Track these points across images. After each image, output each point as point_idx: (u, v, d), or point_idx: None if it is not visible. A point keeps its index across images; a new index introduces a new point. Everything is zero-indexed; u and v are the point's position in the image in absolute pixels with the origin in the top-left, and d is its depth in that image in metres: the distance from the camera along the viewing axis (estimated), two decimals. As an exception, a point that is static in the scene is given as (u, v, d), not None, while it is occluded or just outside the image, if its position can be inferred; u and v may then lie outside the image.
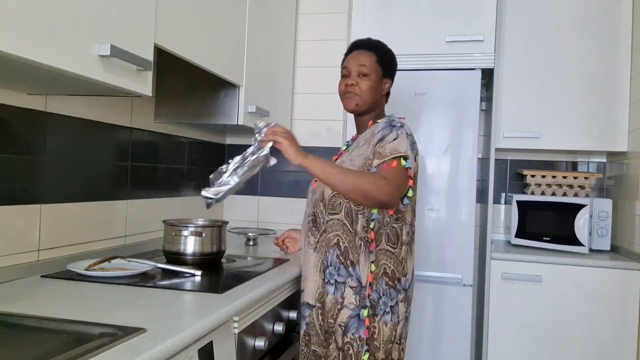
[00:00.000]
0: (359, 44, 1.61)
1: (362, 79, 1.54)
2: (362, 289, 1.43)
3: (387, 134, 1.44)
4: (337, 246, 1.46)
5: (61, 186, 1.49)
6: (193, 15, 1.51)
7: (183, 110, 1.96)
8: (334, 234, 1.46)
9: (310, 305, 1.51)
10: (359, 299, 1.42)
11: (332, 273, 1.46)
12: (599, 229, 2.34)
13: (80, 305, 1.11)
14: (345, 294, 1.43)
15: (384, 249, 1.44)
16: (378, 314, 1.42)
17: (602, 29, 2.38)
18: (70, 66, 0.99)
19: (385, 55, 1.58)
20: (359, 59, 1.55)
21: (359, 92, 1.54)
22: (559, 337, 2.21)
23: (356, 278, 1.43)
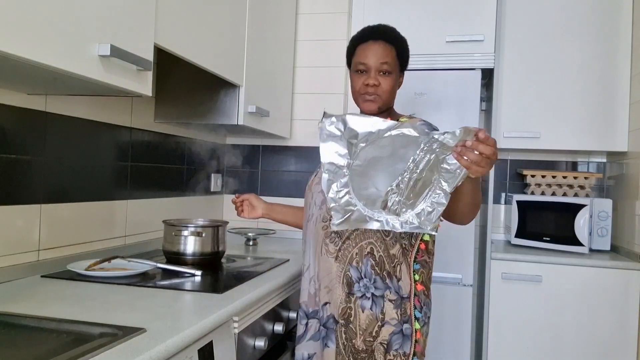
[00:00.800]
0: (376, 33, 1.40)
1: (385, 78, 1.37)
2: (402, 301, 1.30)
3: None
4: (371, 255, 1.31)
5: (61, 186, 1.49)
6: (193, 15, 1.51)
7: (183, 110, 1.96)
8: (367, 242, 1.31)
9: (335, 321, 1.34)
10: (400, 313, 1.30)
11: (368, 286, 1.30)
12: (599, 229, 2.34)
13: (80, 305, 1.11)
14: (385, 309, 1.29)
15: (424, 260, 1.37)
16: (421, 326, 1.33)
17: (602, 29, 2.38)
18: (70, 66, 0.99)
19: (404, 48, 1.43)
20: (379, 54, 1.37)
21: (381, 92, 1.37)
22: (559, 337, 2.21)
23: (395, 290, 1.30)
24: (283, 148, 2.56)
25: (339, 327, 1.33)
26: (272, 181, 2.56)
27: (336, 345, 1.33)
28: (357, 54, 1.40)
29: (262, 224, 2.54)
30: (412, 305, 1.32)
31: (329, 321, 1.35)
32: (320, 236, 1.38)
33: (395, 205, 1.06)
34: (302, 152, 2.53)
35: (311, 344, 1.39)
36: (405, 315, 1.30)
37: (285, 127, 2.44)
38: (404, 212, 1.06)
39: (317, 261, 1.37)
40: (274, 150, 2.58)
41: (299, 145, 2.54)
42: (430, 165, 1.02)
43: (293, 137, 2.55)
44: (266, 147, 2.59)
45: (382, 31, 1.41)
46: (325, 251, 1.36)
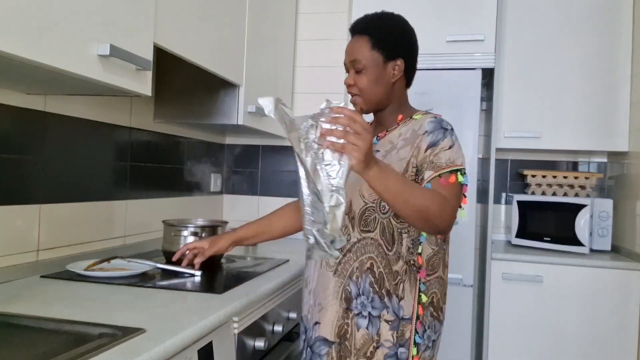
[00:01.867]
0: (352, 28, 1.31)
1: (359, 76, 1.27)
2: (400, 322, 1.20)
3: (440, 139, 1.19)
4: (370, 271, 1.20)
5: (60, 186, 1.49)
6: (193, 15, 1.51)
7: (182, 110, 1.96)
8: (367, 257, 1.21)
9: (328, 342, 1.23)
10: (396, 336, 1.19)
11: (365, 304, 1.20)
12: (600, 229, 2.34)
13: (79, 305, 1.10)
14: (381, 330, 1.19)
15: (440, 277, 1.24)
16: (420, 350, 1.21)
17: (603, 29, 2.38)
18: (69, 66, 0.99)
19: (385, 35, 1.27)
20: (351, 51, 1.27)
21: (357, 92, 1.28)
22: (560, 338, 2.21)
23: (393, 311, 1.19)
24: (283, 148, 2.56)
25: (335, 347, 1.23)
26: (271, 181, 2.55)
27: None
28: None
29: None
30: (413, 329, 1.20)
31: (315, 343, 1.26)
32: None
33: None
34: (302, 152, 2.53)
35: None
36: (402, 338, 1.20)
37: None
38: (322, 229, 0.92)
39: (317, 274, 1.28)
40: (274, 150, 2.58)
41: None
42: (313, 162, 0.92)
43: (293, 137, 2.54)
44: (266, 147, 2.59)
45: (355, 24, 1.30)
46: (325, 264, 1.26)
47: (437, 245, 1.24)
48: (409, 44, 1.31)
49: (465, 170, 1.21)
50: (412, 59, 1.32)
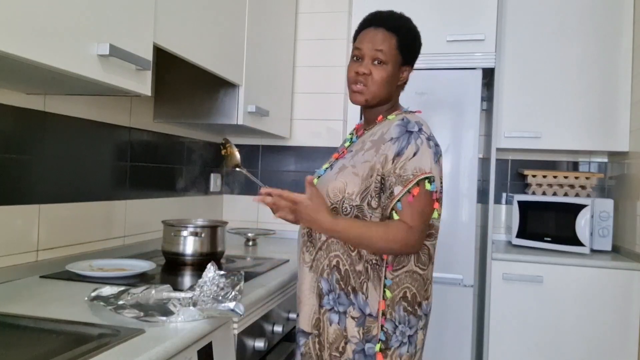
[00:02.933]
0: (378, 19, 1.30)
1: (377, 68, 1.26)
2: (365, 319, 1.21)
3: (404, 147, 1.20)
4: (336, 269, 1.24)
5: (60, 186, 1.49)
6: (193, 15, 1.50)
7: (182, 110, 1.96)
8: (334, 255, 1.24)
9: (305, 333, 1.29)
10: (362, 332, 1.21)
11: (335, 300, 1.24)
12: (600, 229, 2.34)
13: (79, 305, 1.10)
14: (347, 326, 1.22)
15: (412, 271, 1.24)
16: (392, 346, 1.21)
17: (603, 29, 2.37)
18: (69, 66, 0.99)
19: (408, 39, 1.30)
20: (376, 41, 1.27)
21: (370, 83, 1.27)
22: (560, 338, 2.20)
23: (358, 307, 1.22)
24: (283, 148, 2.56)
25: (311, 338, 1.28)
26: (272, 181, 2.55)
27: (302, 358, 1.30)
28: (356, 40, 1.32)
29: (262, 224, 2.53)
30: (379, 325, 1.21)
31: (297, 335, 1.33)
32: (300, 244, 1.34)
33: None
34: (302, 152, 2.53)
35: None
36: (368, 334, 1.21)
37: (285, 127, 2.44)
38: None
39: (298, 271, 1.34)
40: (273, 150, 2.57)
41: (299, 145, 2.53)
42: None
43: (293, 137, 2.54)
44: (266, 147, 2.59)
45: (384, 17, 1.31)
46: (302, 260, 1.32)
47: None
48: (418, 54, 1.37)
49: (434, 177, 1.21)
50: (412, 69, 1.38)
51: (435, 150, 1.25)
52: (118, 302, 1.06)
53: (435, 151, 1.24)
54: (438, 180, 1.24)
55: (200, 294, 1.08)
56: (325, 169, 1.37)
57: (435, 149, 1.25)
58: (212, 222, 1.75)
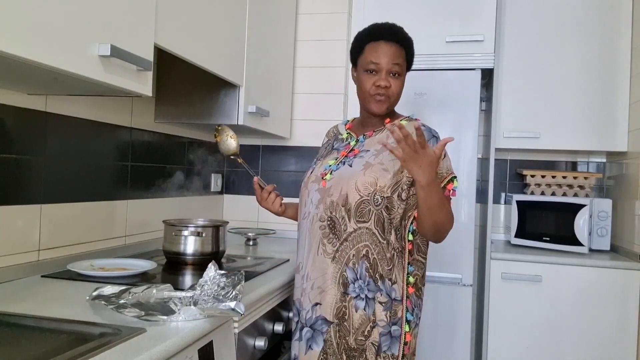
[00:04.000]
0: (389, 34, 1.40)
1: (394, 80, 1.39)
2: (392, 303, 1.33)
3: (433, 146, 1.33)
4: (366, 258, 1.32)
5: (61, 186, 1.49)
6: (193, 15, 1.51)
7: (183, 110, 1.96)
8: (363, 245, 1.32)
9: (327, 322, 1.34)
10: (389, 315, 1.32)
11: (362, 287, 1.32)
12: (599, 228, 2.34)
13: (80, 305, 1.11)
14: (375, 311, 1.32)
15: (417, 260, 1.39)
16: (411, 327, 1.36)
17: (602, 29, 2.38)
18: (70, 66, 1.00)
19: (411, 50, 1.45)
20: (392, 56, 1.38)
21: (390, 94, 1.39)
22: (559, 337, 2.21)
23: (386, 293, 1.32)
24: (283, 148, 2.56)
25: (333, 327, 1.34)
26: (272, 181, 2.55)
27: (322, 348, 1.34)
28: (368, 53, 1.39)
29: (262, 224, 2.54)
30: (404, 308, 1.34)
31: (317, 322, 1.36)
32: (317, 236, 1.37)
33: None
34: (302, 152, 2.53)
35: (296, 344, 1.42)
36: (395, 317, 1.33)
37: (285, 127, 2.44)
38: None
39: (312, 260, 1.38)
40: (274, 150, 2.58)
41: (299, 145, 2.54)
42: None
43: (293, 137, 2.55)
44: (266, 147, 2.59)
45: (394, 32, 1.41)
46: (322, 251, 1.36)
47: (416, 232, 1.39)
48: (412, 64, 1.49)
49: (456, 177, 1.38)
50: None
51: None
52: (119, 301, 1.07)
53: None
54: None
55: (201, 293, 1.09)
56: (336, 164, 1.42)
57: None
58: (212, 221, 1.76)
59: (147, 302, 1.08)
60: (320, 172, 1.44)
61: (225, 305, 1.04)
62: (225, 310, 1.04)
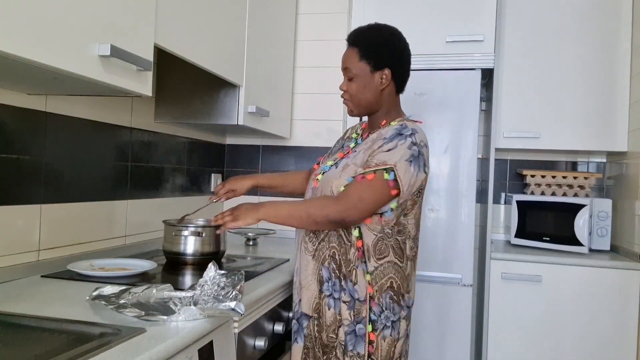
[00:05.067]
0: (348, 39, 1.45)
1: (350, 84, 1.42)
2: (355, 303, 1.35)
3: (388, 143, 1.34)
4: (332, 259, 1.37)
5: (61, 186, 1.49)
6: (193, 15, 1.51)
7: (183, 110, 1.96)
8: (331, 246, 1.38)
9: (307, 316, 1.42)
10: (353, 315, 1.35)
11: (331, 287, 1.38)
12: (599, 229, 2.34)
13: (80, 305, 1.11)
14: (341, 310, 1.36)
15: (392, 262, 1.36)
16: (378, 328, 1.35)
17: (602, 29, 2.38)
18: (70, 66, 1.00)
19: (372, 46, 1.40)
20: (344, 60, 1.43)
21: (350, 98, 1.43)
22: (559, 337, 2.21)
23: (349, 292, 1.35)
24: (283, 148, 2.56)
25: (312, 321, 1.41)
26: (272, 181, 2.55)
27: (304, 342, 1.42)
28: None
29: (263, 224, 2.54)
30: (367, 308, 1.34)
31: (301, 317, 1.44)
32: (301, 233, 1.45)
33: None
34: (302, 152, 2.53)
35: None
36: (358, 316, 1.35)
37: (285, 127, 2.44)
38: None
39: (300, 257, 1.45)
40: (274, 150, 2.58)
41: (299, 145, 2.54)
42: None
43: (293, 137, 2.55)
44: (266, 147, 2.59)
45: (350, 35, 1.44)
46: (304, 249, 1.44)
47: (381, 232, 1.35)
48: (396, 54, 1.42)
49: (396, 169, 1.29)
50: (400, 68, 1.43)
51: (416, 152, 1.33)
52: (119, 301, 1.07)
53: (416, 151, 1.33)
54: (406, 174, 1.30)
55: (201, 293, 1.09)
56: (330, 165, 1.46)
57: (416, 152, 1.33)
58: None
59: (147, 302, 1.08)
60: (316, 172, 1.49)
61: (225, 305, 1.04)
62: (225, 310, 1.04)
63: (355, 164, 1.37)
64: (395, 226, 1.36)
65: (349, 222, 1.32)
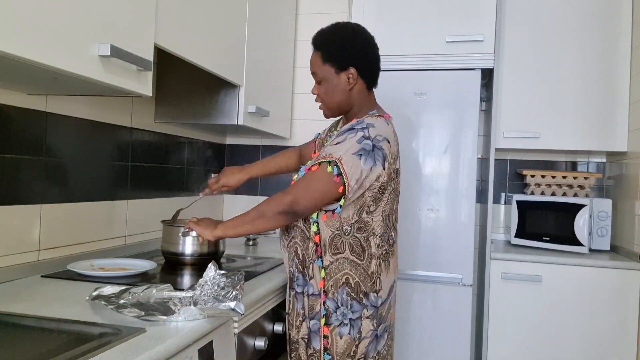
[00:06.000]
0: (312, 43, 1.45)
1: (319, 87, 1.44)
2: (309, 298, 1.36)
3: (339, 136, 1.34)
4: (296, 254, 1.40)
5: (61, 186, 1.50)
6: (193, 15, 1.51)
7: (183, 110, 1.96)
8: (295, 242, 1.41)
9: (285, 312, 1.48)
10: (307, 309, 1.37)
11: (295, 282, 1.41)
12: (599, 228, 2.34)
13: (80, 304, 1.11)
14: (304, 304, 1.37)
15: (348, 259, 1.34)
16: (332, 323, 1.34)
17: (602, 29, 2.38)
18: (70, 66, 1.00)
19: (333, 49, 1.39)
20: (310, 65, 1.44)
21: (322, 101, 1.45)
22: (559, 337, 2.21)
23: (307, 287, 1.38)
24: (283, 148, 2.56)
25: (286, 316, 1.46)
26: (272, 181, 2.56)
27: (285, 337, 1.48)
28: None
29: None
30: (321, 302, 1.35)
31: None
32: (280, 231, 1.49)
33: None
34: (302, 152, 2.53)
35: None
36: (312, 311, 1.36)
37: (285, 127, 2.44)
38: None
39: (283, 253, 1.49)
40: (274, 150, 2.57)
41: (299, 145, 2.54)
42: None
43: (293, 137, 2.55)
44: (266, 147, 2.59)
45: (313, 39, 1.44)
46: (282, 246, 1.49)
47: (338, 229, 1.34)
48: (359, 52, 1.41)
49: (340, 163, 1.27)
50: (366, 65, 1.42)
51: (368, 147, 1.29)
52: (119, 301, 1.07)
53: (365, 147, 1.29)
54: (353, 168, 1.27)
55: (201, 293, 1.09)
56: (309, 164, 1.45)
57: (368, 147, 1.29)
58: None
59: (147, 302, 1.08)
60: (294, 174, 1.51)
61: (225, 305, 1.04)
62: (225, 310, 1.04)
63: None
64: (355, 223, 1.34)
65: (298, 213, 1.32)
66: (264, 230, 1.35)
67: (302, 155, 1.73)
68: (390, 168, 1.34)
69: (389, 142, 1.35)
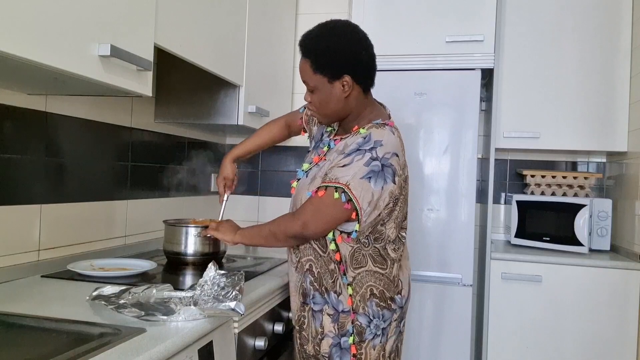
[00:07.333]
0: (300, 48, 1.34)
1: (312, 95, 1.35)
2: (339, 315, 1.33)
3: (345, 157, 1.28)
4: (310, 272, 1.37)
5: (61, 186, 1.49)
6: (193, 15, 1.51)
7: (183, 110, 1.96)
8: (307, 259, 1.37)
9: (293, 327, 1.45)
10: (337, 327, 1.33)
11: (310, 300, 1.38)
12: (599, 228, 2.34)
13: (80, 305, 1.11)
14: (324, 322, 1.35)
15: (372, 271, 1.33)
16: (366, 339, 1.32)
17: (602, 29, 2.38)
18: (70, 66, 1.00)
19: (323, 58, 1.29)
20: (300, 73, 1.35)
21: (314, 108, 1.37)
22: (559, 337, 2.21)
23: (332, 305, 1.34)
24: (283, 148, 2.56)
25: (295, 332, 1.43)
26: (272, 181, 2.56)
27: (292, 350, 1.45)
28: None
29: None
30: (350, 321, 1.33)
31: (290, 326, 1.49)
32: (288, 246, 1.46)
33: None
34: (302, 152, 2.53)
35: None
36: (343, 329, 1.33)
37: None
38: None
39: (289, 266, 1.47)
40: (274, 150, 2.58)
41: (299, 145, 2.54)
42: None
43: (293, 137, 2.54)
44: (266, 147, 2.59)
45: (300, 43, 1.34)
46: (290, 260, 1.46)
47: (357, 243, 1.32)
48: (352, 58, 1.31)
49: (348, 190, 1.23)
50: (360, 70, 1.32)
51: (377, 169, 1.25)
52: (119, 301, 1.07)
53: (374, 169, 1.25)
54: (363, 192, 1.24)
55: (201, 293, 1.09)
56: (305, 171, 1.44)
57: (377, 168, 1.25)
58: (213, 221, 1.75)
59: (147, 302, 1.08)
60: (293, 179, 1.48)
61: (225, 305, 1.04)
62: (225, 310, 1.04)
63: (321, 177, 1.33)
64: (370, 235, 1.32)
65: (308, 238, 1.32)
66: (276, 246, 1.38)
67: (289, 125, 1.69)
68: (400, 179, 1.31)
69: (397, 155, 1.30)
